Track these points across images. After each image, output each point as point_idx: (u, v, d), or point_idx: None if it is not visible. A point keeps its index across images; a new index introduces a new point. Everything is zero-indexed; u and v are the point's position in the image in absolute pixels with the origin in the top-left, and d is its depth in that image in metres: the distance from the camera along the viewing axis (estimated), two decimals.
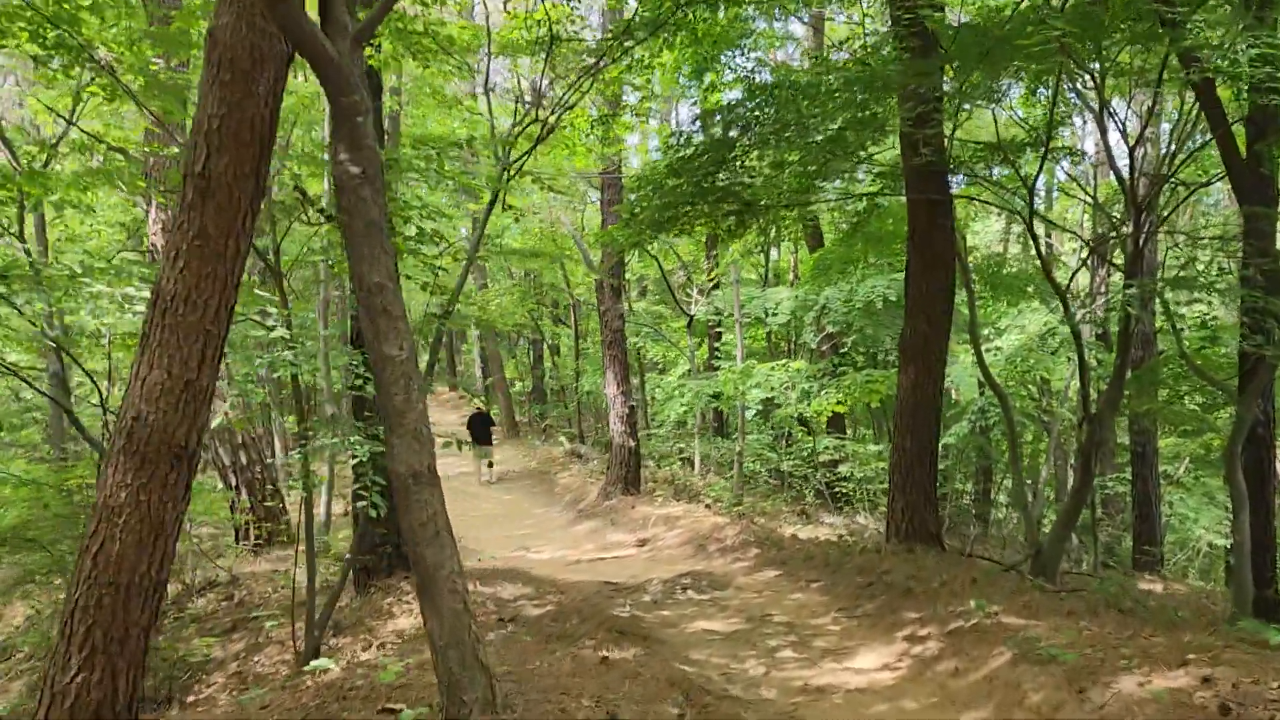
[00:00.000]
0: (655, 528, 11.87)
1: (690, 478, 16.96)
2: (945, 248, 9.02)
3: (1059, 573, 9.73)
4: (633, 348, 21.64)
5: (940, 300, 9.08)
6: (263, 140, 3.74)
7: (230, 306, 3.85)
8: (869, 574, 8.39)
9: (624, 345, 14.01)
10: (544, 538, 12.66)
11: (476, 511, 15.09)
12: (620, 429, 13.84)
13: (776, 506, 14.84)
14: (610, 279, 13.90)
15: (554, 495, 15.98)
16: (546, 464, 19.36)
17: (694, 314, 17.93)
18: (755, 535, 10.34)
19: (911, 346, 9.23)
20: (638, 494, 13.85)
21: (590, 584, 8.92)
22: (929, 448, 9.30)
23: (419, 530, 3.68)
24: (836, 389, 13.61)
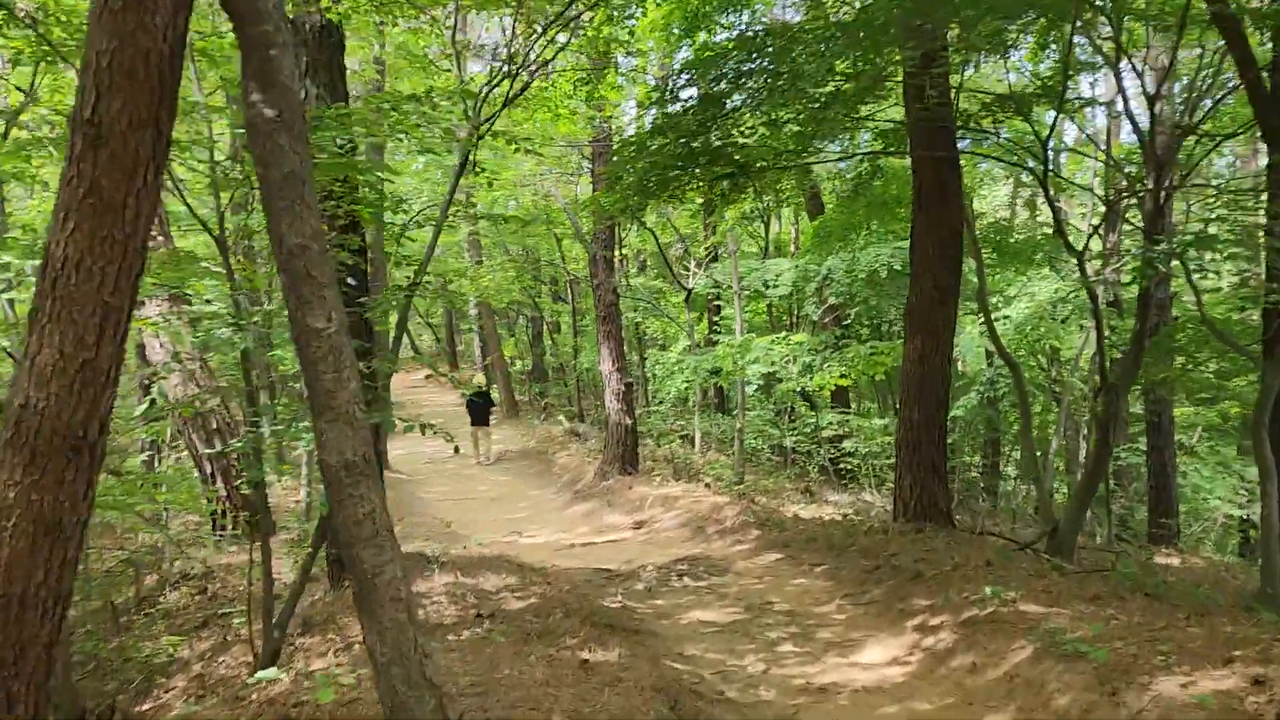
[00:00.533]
0: (653, 509, 11.41)
1: (690, 456, 16.48)
2: (953, 209, 8.47)
3: (1076, 550, 9.27)
4: (630, 323, 21.12)
5: (948, 264, 8.55)
6: (162, 79, 3.21)
7: (135, 275, 3.33)
8: (875, 556, 7.92)
9: (619, 320, 13.50)
10: (539, 520, 12.20)
11: (472, 494, 14.65)
12: (616, 407, 13.35)
13: (779, 484, 14.36)
14: (603, 252, 13.37)
15: (551, 476, 15.52)
16: (545, 443, 18.90)
17: (692, 287, 17.40)
18: (756, 516, 9.87)
19: (918, 314, 8.70)
20: (635, 474, 13.38)
21: (581, 571, 8.46)
22: (937, 421, 8.80)
23: (354, 529, 3.18)
24: (839, 362, 13.10)
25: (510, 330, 31.33)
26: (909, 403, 8.81)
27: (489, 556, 8.18)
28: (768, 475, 15.83)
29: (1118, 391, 8.78)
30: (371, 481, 3.23)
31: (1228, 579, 12.74)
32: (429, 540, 9.29)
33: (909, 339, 8.80)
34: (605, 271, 13.37)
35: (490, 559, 7.94)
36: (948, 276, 8.56)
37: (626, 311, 20.61)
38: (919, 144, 8.43)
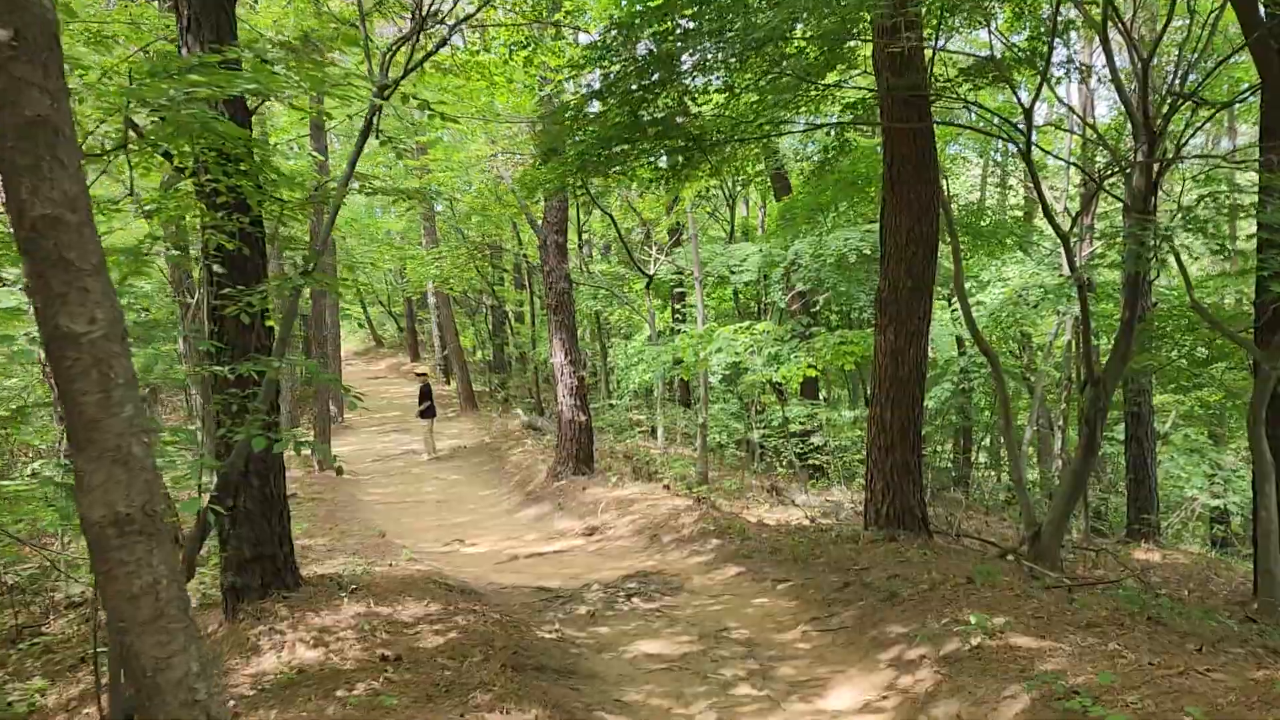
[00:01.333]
0: (606, 513, 10.59)
1: (652, 452, 15.70)
2: (927, 187, 7.69)
3: (1059, 555, 8.57)
4: (588, 312, 20.27)
5: (923, 249, 7.77)
6: None
7: None
8: (845, 571, 7.15)
9: (571, 310, 12.65)
10: (484, 526, 11.35)
11: (417, 495, 13.77)
12: (570, 402, 12.51)
13: (744, 482, 13.61)
14: (554, 236, 12.49)
15: (503, 475, 14.66)
16: (501, 438, 18.02)
17: (653, 274, 16.55)
18: (716, 523, 9.07)
19: (890, 304, 7.92)
20: (590, 473, 12.55)
21: (520, 591, 7.63)
22: (912, 420, 8.04)
23: (127, 608, 2.32)
24: (807, 352, 12.32)
25: (471, 319, 30.35)
26: (881, 401, 8.04)
27: (416, 576, 7.31)
28: (733, 472, 15.08)
29: (1106, 383, 8.07)
30: (155, 543, 2.36)
31: (1211, 576, 12.17)
32: (354, 555, 8.41)
33: (880, 330, 8.02)
34: (557, 257, 12.50)
35: (416, 580, 7.08)
36: (922, 262, 7.79)
37: (586, 300, 19.76)
38: (890, 115, 7.63)
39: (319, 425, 15.45)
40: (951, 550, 8.14)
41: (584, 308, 19.84)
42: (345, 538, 9.79)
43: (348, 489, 14.31)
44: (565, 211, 12.67)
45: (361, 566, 7.62)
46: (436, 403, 27.24)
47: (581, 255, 19.10)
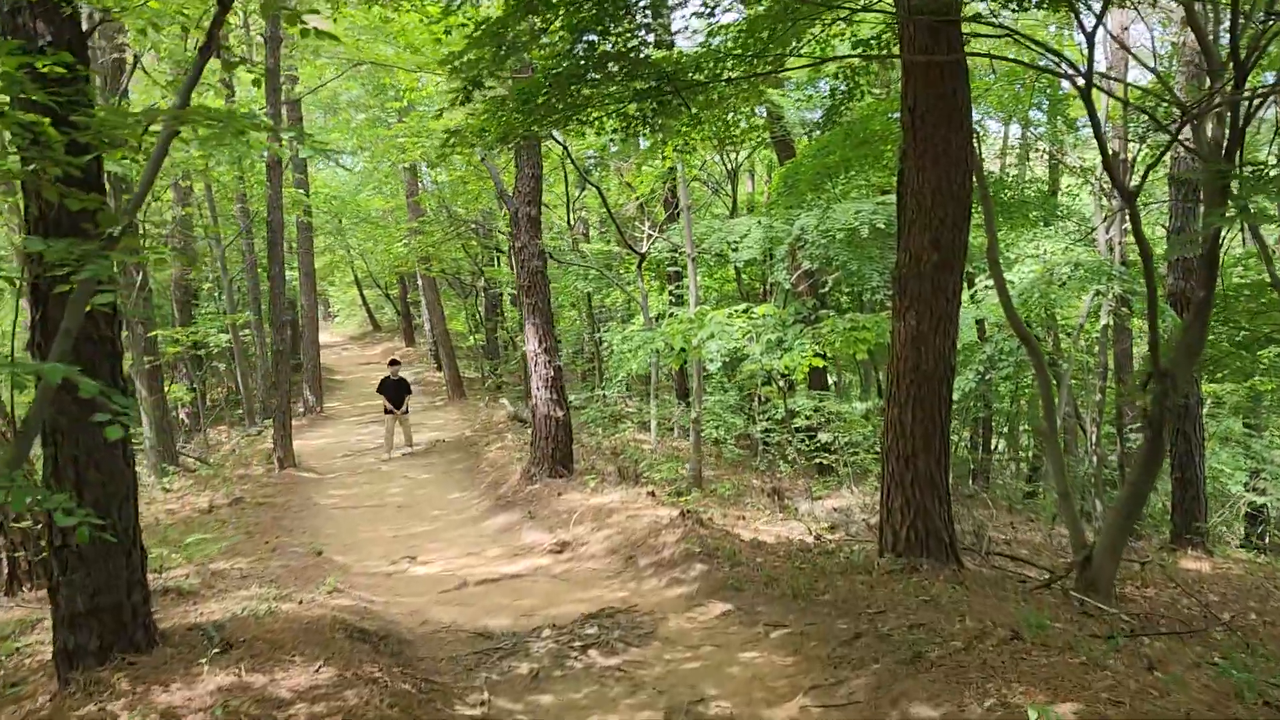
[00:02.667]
0: (580, 526, 9.19)
1: (644, 447, 14.29)
2: (958, 134, 6.22)
3: (1114, 582, 7.13)
4: (578, 294, 18.81)
5: (952, 212, 6.30)
6: None
7: None
8: (856, 615, 5.73)
9: (546, 290, 11.20)
10: (444, 537, 9.97)
11: (380, 497, 12.40)
12: (545, 396, 11.09)
13: (743, 484, 12.20)
14: (526, 208, 11.03)
15: (477, 474, 13.27)
16: (483, 431, 16.65)
17: (645, 251, 15.09)
18: (703, 543, 7.65)
19: (911, 281, 6.47)
20: (569, 475, 11.15)
21: (456, 634, 6.24)
22: (938, 424, 6.59)
23: None
24: (813, 339, 10.86)
25: (464, 303, 28.93)
26: (899, 400, 6.59)
27: (327, 618, 5.92)
28: (732, 470, 13.66)
29: (1175, 377, 6.59)
30: None
31: (1272, 590, 10.72)
32: (270, 585, 7.03)
33: (899, 314, 6.56)
34: (529, 232, 11.05)
35: (323, 626, 5.69)
36: (952, 228, 6.32)
37: (575, 281, 18.32)
38: (913, 45, 6.14)
39: (278, 419, 14.07)
40: (984, 581, 6.72)
41: (573, 289, 18.39)
42: (273, 557, 8.42)
43: (306, 490, 12.96)
44: (539, 181, 11.21)
45: (267, 604, 6.23)
46: (424, 391, 25.95)
47: (574, 232, 17.64)
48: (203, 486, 13.30)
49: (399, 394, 15.32)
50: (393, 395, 15.25)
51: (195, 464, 16.14)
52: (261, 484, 13.06)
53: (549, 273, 20.08)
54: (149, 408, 13.40)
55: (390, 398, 15.23)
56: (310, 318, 21.37)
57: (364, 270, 42.55)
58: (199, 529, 10.25)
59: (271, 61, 13.87)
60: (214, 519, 10.74)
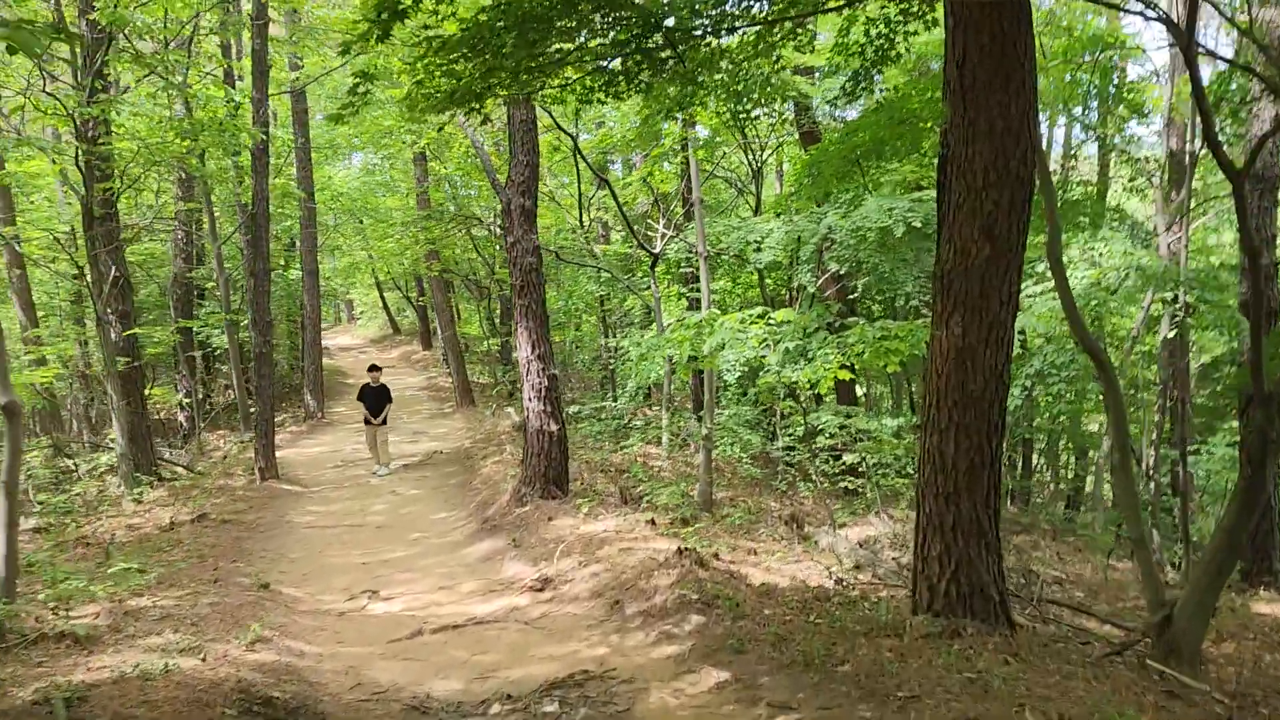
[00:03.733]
0: (567, 558, 8.03)
1: (653, 463, 13.13)
2: (1019, 97, 5.01)
3: (1201, 648, 5.87)
4: (593, 299, 17.68)
5: (1008, 194, 5.09)
6: None
7: None
8: (883, 698, 4.54)
9: (540, 291, 10.07)
10: (417, 567, 8.85)
11: (360, 515, 11.32)
12: (537, 408, 9.96)
13: (758, 507, 11.00)
14: (520, 199, 9.92)
15: (468, 491, 12.16)
16: (484, 443, 15.55)
17: (658, 251, 13.95)
18: (701, 588, 6.47)
19: (957, 280, 5.26)
20: (563, 496, 10.02)
21: (388, 706, 5.11)
22: (987, 457, 5.38)
23: None
24: (839, 348, 9.64)
25: (477, 306, 27.87)
26: (939, 426, 5.38)
27: (223, 687, 4.80)
28: (748, 490, 12.45)
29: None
30: None
31: None
32: (186, 631, 5.95)
33: (940, 322, 5.35)
34: (523, 225, 9.93)
35: (209, 700, 4.57)
36: (1008, 217, 5.11)
37: (587, 283, 17.20)
38: None
39: (260, 427, 13.06)
40: (1041, 647, 5.48)
41: (584, 292, 17.27)
42: (211, 590, 7.33)
43: (283, 505, 11.92)
44: (534, 170, 10.09)
45: (166, 660, 5.14)
46: (434, 397, 24.90)
47: (586, 231, 16.50)
48: (177, 498, 12.30)
49: (378, 403, 14.02)
50: (371, 404, 13.99)
51: (180, 472, 15.19)
52: (237, 497, 12.04)
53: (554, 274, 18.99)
54: (121, 413, 12.41)
55: (368, 407, 13.98)
56: (313, 319, 20.42)
57: (384, 272, 41.81)
58: (151, 550, 9.23)
59: (258, 43, 12.89)
60: (170, 538, 9.72)
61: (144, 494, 12.65)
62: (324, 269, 42.36)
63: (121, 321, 13.53)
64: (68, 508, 11.86)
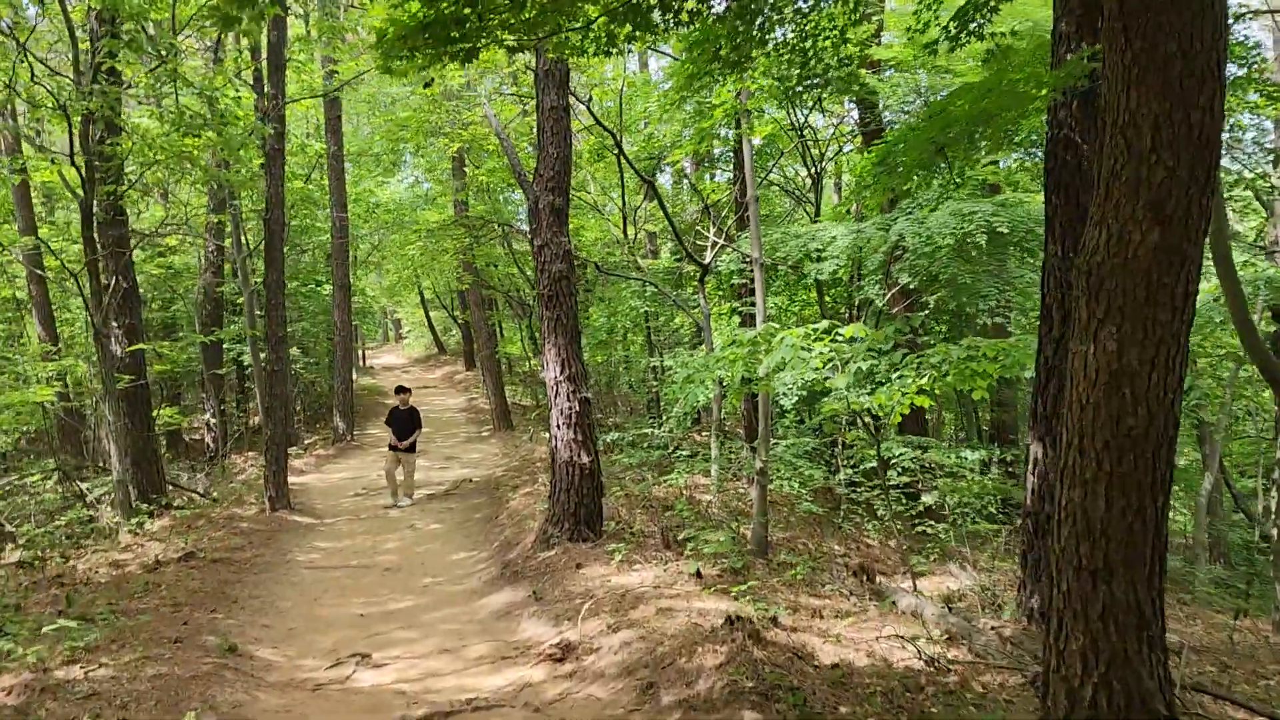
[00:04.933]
0: (595, 619, 6.70)
1: (702, 497, 11.76)
2: (1206, 15, 3.62)
3: None
4: (637, 315, 16.39)
5: (1192, 161, 3.68)
6: None
7: None
8: None
9: (572, 303, 8.80)
10: (422, 622, 7.59)
11: (370, 555, 10.10)
12: (566, 436, 8.68)
13: (818, 554, 9.59)
14: (550, 196, 8.68)
15: (492, 528, 10.90)
16: (517, 471, 14.32)
17: (709, 262, 12.63)
18: (757, 673, 5.09)
19: (1111, 277, 3.84)
20: (595, 538, 8.70)
21: None
22: (1151, 516, 3.94)
23: None
24: (916, 370, 8.20)
25: (518, 324, 26.75)
26: (1081, 475, 3.96)
27: None
28: (806, 532, 11.02)
29: None
30: None
31: None
32: (117, 712, 4.74)
33: (1086, 333, 3.94)
34: (553, 227, 8.69)
35: None
36: (1186, 191, 3.70)
37: (630, 299, 15.92)
38: None
39: (270, 452, 11.96)
40: None
41: (629, 308, 15.99)
42: (164, 654, 6.12)
43: (287, 541, 10.76)
44: (566, 165, 8.85)
45: None
46: (472, 420, 23.76)
47: (632, 242, 15.22)
48: (178, 530, 11.23)
49: (407, 428, 12.89)
50: (399, 429, 12.86)
51: (194, 498, 14.17)
52: (239, 530, 10.92)
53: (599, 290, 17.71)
54: (119, 435, 11.39)
55: (396, 432, 12.85)
56: (343, 336, 19.43)
57: (430, 290, 41.04)
58: (125, 595, 8.10)
59: (274, 35, 11.89)
60: (150, 580, 8.58)
61: (144, 523, 11.60)
62: (368, 285, 41.84)
63: (128, 336, 12.57)
64: (52, 540, 10.84)
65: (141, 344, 12.55)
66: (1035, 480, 6.68)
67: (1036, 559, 6.61)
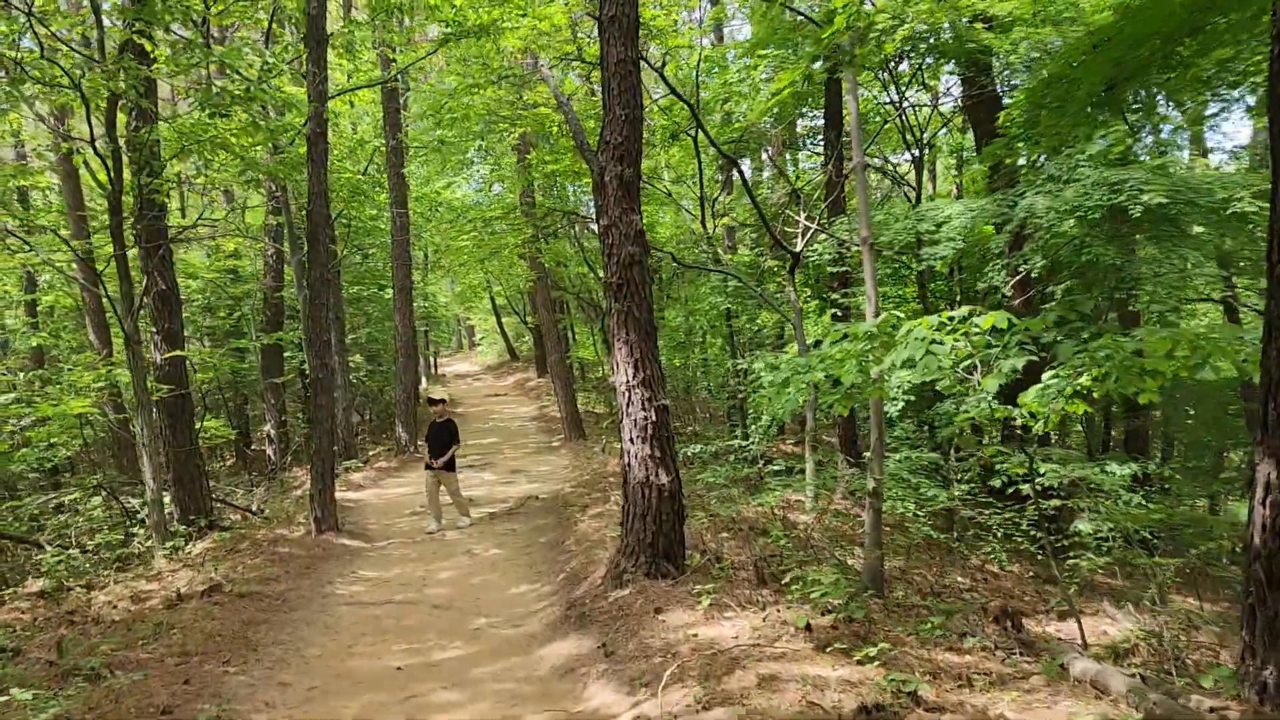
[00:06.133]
0: (679, 687, 5.28)
1: (799, 517, 10.28)
2: None
3: None
4: (717, 313, 14.93)
5: None
6: None
7: None
8: None
9: (645, 293, 7.38)
10: (467, 681, 6.26)
11: (419, 587, 8.84)
12: (641, 452, 7.27)
13: (940, 588, 8.04)
14: (618, 165, 7.29)
15: (558, 556, 9.56)
16: (587, 487, 12.98)
17: (799, 251, 11.14)
18: None
19: None
20: (676, 575, 7.27)
21: None
22: None
23: None
24: (1072, 369, 6.56)
25: (590, 328, 25.50)
26: None
27: None
28: (922, 559, 9.46)
29: None
30: None
31: None
32: None
33: None
34: (622, 203, 7.30)
35: None
36: None
37: (710, 296, 14.47)
38: None
39: (315, 469, 10.84)
40: None
41: (707, 305, 14.54)
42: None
43: (329, 569, 9.59)
44: (637, 127, 7.45)
45: None
46: (542, 429, 22.52)
47: (708, 233, 13.77)
48: (216, 554, 10.18)
49: (442, 443, 11.44)
50: (432, 444, 11.46)
51: (240, 517, 13.19)
52: (278, 556, 9.78)
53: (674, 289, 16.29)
54: (151, 449, 10.37)
55: (430, 447, 11.47)
56: (405, 341, 18.37)
57: (501, 295, 40.18)
58: (134, 637, 6.98)
59: (314, 5, 10.77)
60: (167, 620, 7.45)
61: (180, 547, 10.58)
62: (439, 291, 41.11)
63: (167, 341, 11.59)
64: (77, 567, 9.85)
65: (180, 350, 11.53)
66: (1268, 512, 5.03)
67: (1271, 617, 4.96)
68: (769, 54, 11.82)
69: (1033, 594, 9.11)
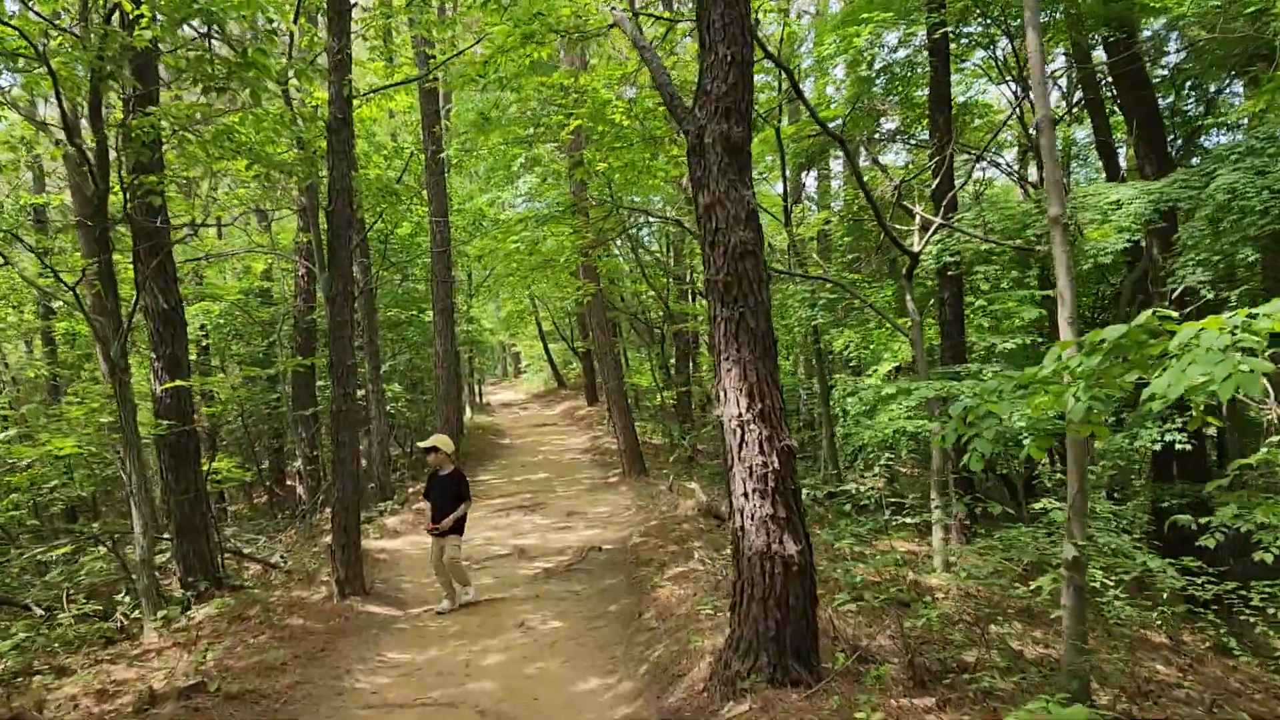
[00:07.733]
0: None
1: (929, 581, 8.23)
2: None
3: None
4: (804, 327, 12.88)
5: None
6: None
7: None
8: None
9: (763, 294, 5.40)
10: None
11: (458, 684, 6.86)
12: (760, 511, 5.27)
13: (1160, 706, 5.94)
14: (721, 124, 5.36)
15: (635, 635, 7.55)
16: (660, 535, 10.98)
17: (919, 250, 9.14)
18: None
19: None
20: (811, 681, 5.24)
21: None
22: None
23: None
24: None
25: (648, 353, 23.55)
26: None
27: None
28: (1112, 648, 7.34)
29: None
30: None
31: None
32: None
33: None
34: (728, 174, 5.36)
35: None
36: None
37: (800, 309, 12.47)
38: None
39: (339, 518, 9.00)
40: None
41: (794, 320, 12.53)
42: None
43: (347, 650, 7.68)
44: (747, 71, 5.51)
45: None
46: (597, 463, 20.57)
47: (794, 239, 11.75)
48: (217, 627, 8.34)
49: (447, 501, 8.85)
50: (434, 502, 8.92)
51: (256, 573, 11.40)
52: (285, 633, 7.92)
53: None
54: (139, 498, 8.59)
55: (433, 508, 8.94)
56: (446, 367, 16.56)
57: (548, 320, 38.54)
58: None
59: None
60: None
61: (177, 614, 8.77)
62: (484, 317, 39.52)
63: (169, 370, 9.87)
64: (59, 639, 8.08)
65: (183, 380, 9.80)
66: None
67: None
68: (874, 17, 9.89)
69: (1260, 690, 6.94)
